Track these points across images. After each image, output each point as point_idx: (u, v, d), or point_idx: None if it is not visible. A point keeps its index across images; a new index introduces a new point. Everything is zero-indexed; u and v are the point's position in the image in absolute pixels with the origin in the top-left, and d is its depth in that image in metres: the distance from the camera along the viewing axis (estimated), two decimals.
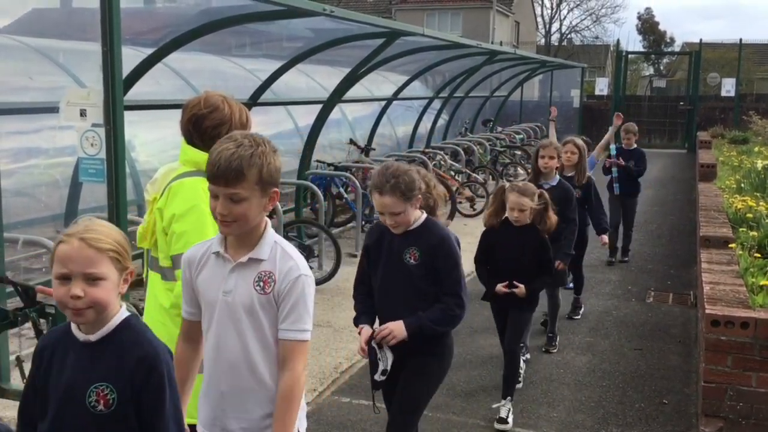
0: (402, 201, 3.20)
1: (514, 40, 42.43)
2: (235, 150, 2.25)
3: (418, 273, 3.34)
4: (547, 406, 4.94)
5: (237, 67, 10.95)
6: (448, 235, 3.39)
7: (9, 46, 8.32)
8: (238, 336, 2.35)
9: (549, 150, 5.56)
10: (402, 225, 3.30)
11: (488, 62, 13.29)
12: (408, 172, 3.23)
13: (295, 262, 2.35)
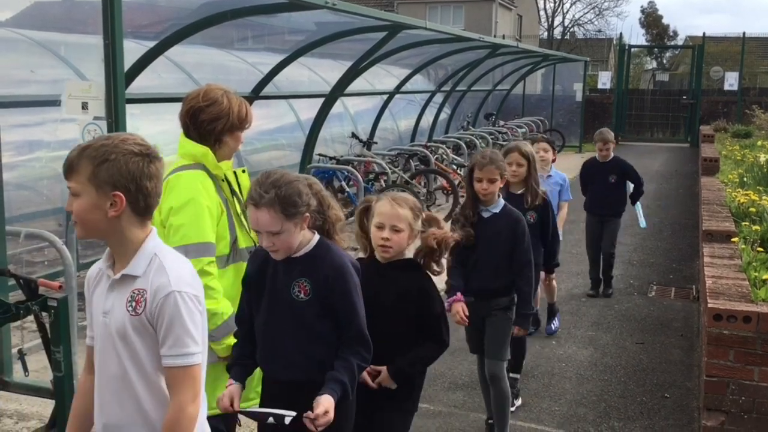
0: (281, 218, 2.54)
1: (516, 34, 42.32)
2: (88, 144, 2.05)
3: (311, 311, 2.65)
4: (549, 400, 4.94)
5: (239, 60, 10.93)
6: (346, 263, 2.68)
7: (11, 39, 8.32)
8: (118, 363, 2.09)
9: (488, 171, 4.01)
10: (282, 249, 2.61)
11: (490, 56, 13.27)
12: (293, 183, 2.58)
13: (167, 277, 2.05)
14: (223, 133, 2.97)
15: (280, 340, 2.69)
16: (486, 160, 4.03)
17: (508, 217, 4.07)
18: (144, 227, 2.10)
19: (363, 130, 12.58)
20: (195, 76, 9.46)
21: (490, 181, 4.02)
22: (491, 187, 4.04)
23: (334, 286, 2.63)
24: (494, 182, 4.03)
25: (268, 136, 10.40)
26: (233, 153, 3.11)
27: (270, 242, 2.59)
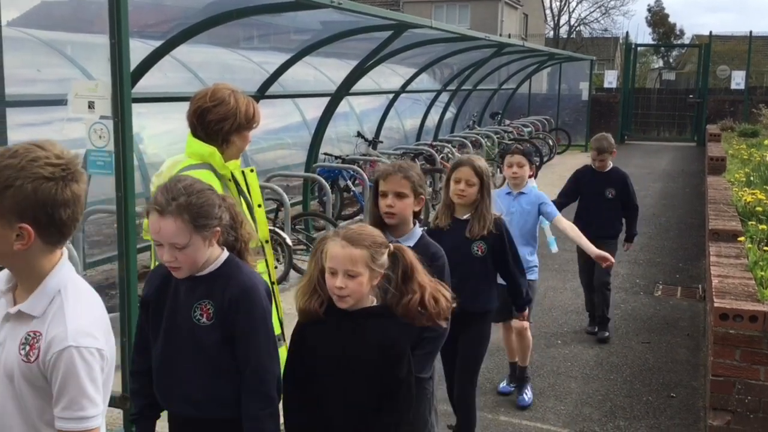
0: (190, 229, 2.23)
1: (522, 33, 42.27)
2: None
3: (214, 338, 2.32)
4: (554, 399, 4.93)
5: (245, 59, 10.95)
6: (256, 285, 2.35)
7: (18, 38, 8.35)
8: (2, 407, 1.81)
9: (395, 182, 3.11)
10: (186, 266, 2.29)
11: (496, 55, 13.25)
12: (206, 193, 2.28)
13: (65, 327, 1.73)
14: (230, 133, 2.99)
15: (178, 372, 2.36)
16: (393, 168, 3.10)
17: (423, 253, 2.80)
18: (52, 255, 1.81)
19: (369, 129, 12.58)
20: (201, 75, 9.49)
21: (398, 196, 3.04)
22: (399, 207, 3.03)
23: (239, 309, 2.29)
24: (404, 199, 3.05)
25: (274, 136, 10.42)
26: (241, 152, 3.14)
27: (172, 257, 2.25)
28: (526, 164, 4.81)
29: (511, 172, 4.75)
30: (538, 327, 6.31)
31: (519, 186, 4.84)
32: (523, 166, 4.77)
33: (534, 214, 4.83)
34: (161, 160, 8.53)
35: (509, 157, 4.78)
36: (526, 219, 4.79)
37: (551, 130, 19.82)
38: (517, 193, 4.82)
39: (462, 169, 3.72)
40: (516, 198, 4.80)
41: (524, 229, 4.74)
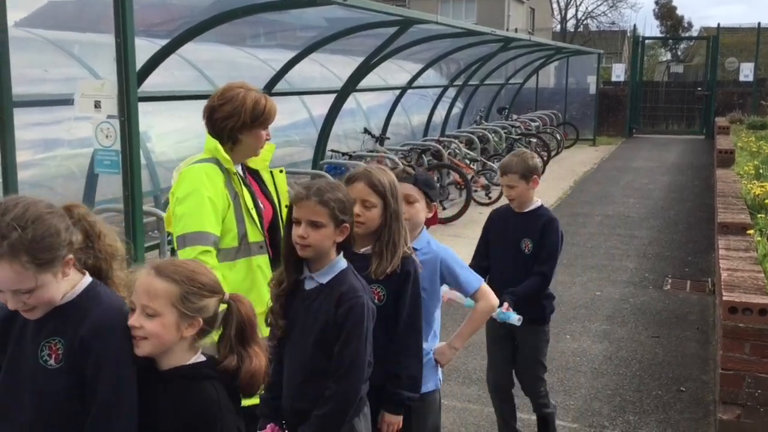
0: (32, 271, 1.83)
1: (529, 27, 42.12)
2: None
3: (60, 384, 1.91)
4: (563, 394, 4.93)
5: (251, 57, 10.95)
6: (113, 321, 1.94)
7: (25, 38, 8.38)
8: None
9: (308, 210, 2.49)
10: (40, 306, 1.91)
11: (503, 49, 13.22)
12: (44, 218, 1.86)
13: None
14: (235, 130, 3.03)
15: (13, 426, 1.94)
16: (307, 192, 2.48)
17: (333, 292, 2.48)
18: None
19: (376, 125, 12.57)
20: (207, 73, 9.50)
21: (313, 225, 2.46)
22: (314, 238, 2.46)
23: (90, 352, 1.88)
24: (320, 229, 2.46)
25: (281, 133, 10.41)
26: (256, 150, 3.13)
27: (19, 302, 1.87)
28: (420, 199, 2.99)
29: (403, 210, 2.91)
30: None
31: (413, 234, 2.99)
32: (413, 202, 2.99)
33: (432, 282, 3.01)
34: (169, 158, 8.62)
35: (349, 184, 2.90)
36: (422, 295, 2.87)
37: (559, 125, 19.76)
38: None
39: (355, 186, 2.72)
40: None
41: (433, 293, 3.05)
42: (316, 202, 2.45)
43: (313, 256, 2.52)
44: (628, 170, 15.68)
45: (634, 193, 12.80)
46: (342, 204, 2.49)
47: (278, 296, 2.58)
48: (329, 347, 2.48)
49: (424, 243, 3.03)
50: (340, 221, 2.49)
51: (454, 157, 11.87)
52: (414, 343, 2.79)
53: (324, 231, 2.47)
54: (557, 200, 12.22)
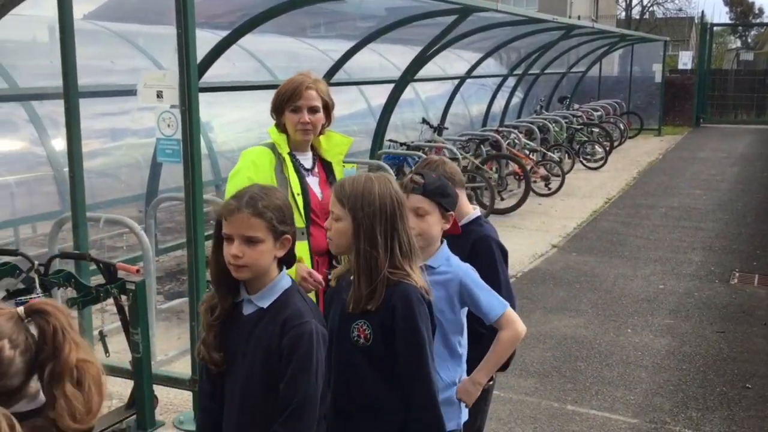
0: None
1: (593, 15, 41.26)
2: None
3: None
4: (623, 389, 4.83)
5: (310, 47, 11.03)
6: None
7: (92, 31, 8.62)
8: None
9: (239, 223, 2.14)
10: None
11: (564, 37, 12.97)
12: None
13: None
14: (274, 113, 3.16)
15: None
16: (237, 203, 2.13)
17: (277, 317, 2.15)
18: None
19: (434, 115, 12.51)
20: (268, 64, 9.60)
21: (248, 241, 2.10)
22: (250, 256, 2.10)
23: None
24: (257, 246, 2.11)
25: (339, 123, 10.42)
26: (294, 133, 3.16)
27: None
28: (433, 211, 2.58)
29: (413, 222, 2.53)
30: (607, 316, 6.19)
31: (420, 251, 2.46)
32: (425, 215, 2.58)
33: (452, 305, 2.61)
34: (231, 148, 8.76)
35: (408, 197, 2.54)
36: (438, 318, 2.49)
37: (622, 114, 19.32)
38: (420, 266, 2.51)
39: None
40: None
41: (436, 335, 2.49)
42: (250, 214, 2.10)
43: (251, 276, 2.15)
44: (694, 161, 15.24)
45: (700, 184, 12.44)
46: (281, 213, 2.15)
47: (211, 326, 2.20)
48: (275, 382, 2.11)
49: (443, 260, 2.60)
50: (279, 233, 2.14)
51: (513, 148, 11.72)
52: (421, 391, 2.25)
53: (262, 247, 2.12)
54: (620, 191, 11.96)
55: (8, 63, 6.73)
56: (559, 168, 11.88)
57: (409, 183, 2.59)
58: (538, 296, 6.64)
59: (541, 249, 8.29)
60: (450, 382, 2.65)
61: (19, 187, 6.77)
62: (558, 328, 5.89)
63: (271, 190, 2.22)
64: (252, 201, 2.12)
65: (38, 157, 6.92)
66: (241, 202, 2.12)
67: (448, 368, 2.65)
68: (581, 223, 9.65)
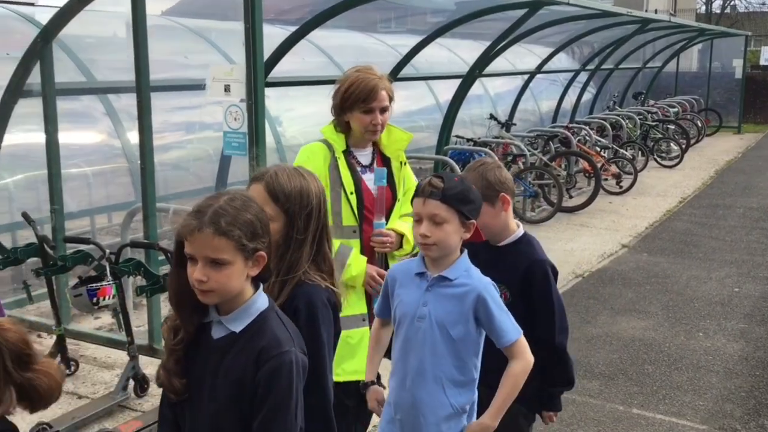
0: None
1: (671, 8, 40.06)
2: None
3: None
4: (692, 394, 4.68)
5: (379, 42, 11.05)
6: None
7: (169, 27, 8.86)
8: None
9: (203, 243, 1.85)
10: None
11: (639, 32, 12.62)
12: None
13: None
14: (341, 112, 3.06)
15: None
16: (199, 220, 1.84)
17: (251, 344, 1.90)
18: None
19: (503, 111, 12.37)
20: (336, 59, 9.66)
21: (213, 264, 1.84)
22: (216, 280, 1.84)
23: None
24: (224, 268, 1.84)
25: (407, 118, 10.46)
26: (362, 133, 3.07)
27: None
28: (451, 219, 2.33)
29: (417, 233, 2.36)
30: (677, 318, 6.00)
31: (436, 262, 2.39)
32: (442, 223, 2.33)
33: (466, 320, 2.36)
34: (299, 142, 8.84)
35: (415, 200, 2.38)
36: (451, 334, 2.36)
37: (700, 111, 18.71)
38: (434, 277, 2.40)
39: (254, 188, 2.24)
40: (431, 286, 2.40)
41: (444, 354, 2.37)
42: (214, 234, 1.82)
43: (218, 301, 1.91)
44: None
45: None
46: (251, 227, 1.87)
47: (173, 350, 1.93)
48: (246, 418, 1.88)
49: (461, 272, 2.38)
50: (251, 251, 1.88)
51: (583, 144, 11.49)
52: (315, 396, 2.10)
53: (230, 270, 1.85)
54: (695, 190, 11.59)
55: (88, 57, 6.96)
56: (632, 166, 11.59)
57: (426, 187, 2.34)
58: (606, 297, 6.49)
59: (611, 248, 8.11)
60: (458, 409, 2.40)
61: (95, 178, 7.01)
62: (625, 330, 5.74)
63: (241, 201, 1.90)
64: (215, 218, 1.83)
65: (114, 149, 7.15)
66: (203, 220, 1.83)
67: (459, 393, 2.40)
68: (653, 222, 9.39)
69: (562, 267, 7.34)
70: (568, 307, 3.14)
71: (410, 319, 2.40)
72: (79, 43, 6.99)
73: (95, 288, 4.04)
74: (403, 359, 2.42)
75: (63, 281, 4.85)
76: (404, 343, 2.43)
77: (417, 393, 2.39)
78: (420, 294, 2.40)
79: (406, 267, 2.50)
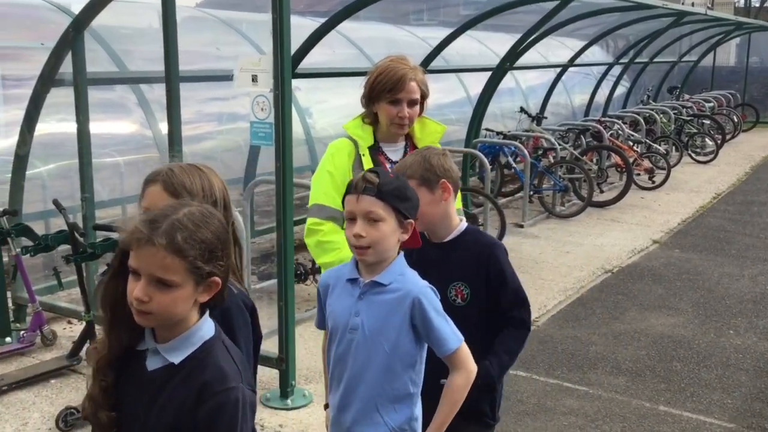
0: None
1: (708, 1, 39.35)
2: None
3: None
4: (721, 392, 4.60)
5: (410, 34, 11.02)
6: None
7: (201, 18, 8.94)
8: None
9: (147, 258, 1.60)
10: None
11: (674, 25, 12.41)
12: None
13: None
14: (369, 102, 2.97)
15: None
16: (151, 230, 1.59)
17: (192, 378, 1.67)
18: None
19: (534, 105, 12.26)
20: (367, 51, 9.66)
21: (158, 283, 1.60)
22: (159, 302, 1.61)
23: None
24: (169, 291, 1.61)
25: (437, 111, 10.42)
26: (390, 126, 2.94)
27: None
28: (388, 217, 2.12)
29: (351, 234, 2.13)
30: (708, 315, 5.91)
31: (371, 266, 2.18)
32: (378, 222, 2.12)
33: (400, 329, 2.16)
34: (329, 135, 8.87)
35: (347, 198, 2.16)
36: (384, 344, 2.16)
37: (737, 106, 18.37)
38: (365, 283, 2.19)
39: (151, 190, 2.04)
40: (364, 293, 2.19)
41: (379, 369, 2.17)
42: (165, 251, 1.57)
43: (156, 325, 1.67)
44: None
45: None
46: (209, 247, 1.62)
47: (101, 377, 1.68)
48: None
49: (395, 276, 2.14)
50: (205, 275, 1.62)
51: (616, 139, 11.35)
52: None
53: (176, 293, 1.60)
54: (730, 186, 11.39)
55: (121, 48, 7.04)
56: (665, 161, 11.41)
57: (360, 182, 2.11)
58: (635, 293, 6.41)
59: (641, 244, 8.00)
60: (395, 429, 2.18)
61: (127, 167, 7.10)
62: (654, 327, 5.67)
63: (202, 215, 1.64)
64: (170, 232, 1.57)
65: (146, 138, 7.24)
66: (156, 232, 1.57)
67: (395, 411, 2.18)
68: (686, 218, 9.25)
69: (592, 262, 7.27)
70: (595, 302, 3.11)
71: (342, 330, 2.19)
72: (114, 34, 7.07)
73: None
74: (337, 376, 2.22)
75: (93, 268, 4.92)
76: (337, 358, 2.21)
77: (350, 414, 2.19)
78: (352, 302, 2.17)
79: (338, 273, 2.27)
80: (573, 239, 8.15)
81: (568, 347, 5.23)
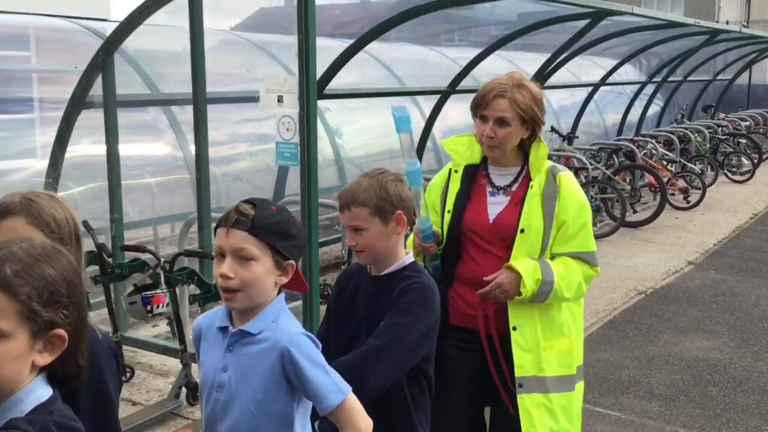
0: None
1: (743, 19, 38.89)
2: None
3: None
4: (758, 418, 4.46)
5: (439, 55, 11.04)
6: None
7: (233, 41, 9.07)
8: None
9: None
10: None
11: (708, 43, 12.25)
12: None
13: None
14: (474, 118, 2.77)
15: None
16: None
17: None
18: None
19: (566, 124, 12.16)
20: (396, 71, 9.69)
21: None
22: None
23: None
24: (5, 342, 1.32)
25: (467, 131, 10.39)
26: (484, 147, 2.73)
27: None
28: (262, 257, 1.84)
29: (217, 273, 1.84)
30: (744, 339, 5.75)
31: (243, 313, 1.89)
32: (250, 261, 1.83)
33: (268, 385, 1.86)
34: (359, 155, 8.89)
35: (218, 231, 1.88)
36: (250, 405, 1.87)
37: None
38: (233, 332, 1.91)
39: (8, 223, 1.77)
40: (232, 344, 1.91)
41: None
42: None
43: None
44: None
45: None
46: (50, 288, 1.31)
47: None
48: None
49: (267, 323, 1.85)
50: (44, 325, 1.30)
51: (649, 158, 11.19)
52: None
53: (6, 347, 1.28)
54: (767, 206, 11.15)
55: (154, 71, 7.15)
56: (700, 180, 11.23)
57: (232, 214, 1.82)
58: (669, 315, 6.27)
59: (676, 265, 7.85)
60: None
61: (159, 188, 7.18)
62: (689, 350, 5.53)
63: (45, 251, 1.35)
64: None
65: (177, 160, 7.32)
66: None
67: None
68: (722, 239, 9.06)
69: (624, 283, 7.14)
70: (628, 325, 3.01)
71: (209, 388, 1.90)
72: (148, 57, 7.19)
73: (149, 296, 4.11)
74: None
75: (120, 289, 4.96)
76: (207, 422, 1.92)
77: None
78: (220, 355, 1.88)
79: (211, 318, 1.97)
80: (605, 260, 8.02)
81: (600, 371, 5.12)
